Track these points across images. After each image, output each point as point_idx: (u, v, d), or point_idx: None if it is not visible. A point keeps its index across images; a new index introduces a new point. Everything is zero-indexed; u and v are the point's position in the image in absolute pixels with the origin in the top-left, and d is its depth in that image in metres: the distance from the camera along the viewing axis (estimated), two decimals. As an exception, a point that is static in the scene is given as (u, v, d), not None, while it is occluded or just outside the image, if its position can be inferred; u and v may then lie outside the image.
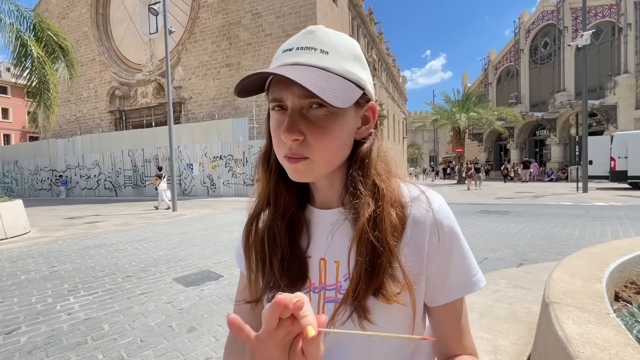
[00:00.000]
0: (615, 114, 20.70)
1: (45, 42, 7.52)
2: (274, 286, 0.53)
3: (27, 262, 4.28)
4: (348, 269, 0.50)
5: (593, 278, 1.03)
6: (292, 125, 0.45)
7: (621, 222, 5.71)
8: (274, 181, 0.55)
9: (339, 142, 0.48)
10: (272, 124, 0.50)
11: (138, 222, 7.73)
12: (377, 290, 0.47)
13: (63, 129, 22.73)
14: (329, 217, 0.55)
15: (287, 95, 0.46)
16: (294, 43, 0.49)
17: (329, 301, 0.53)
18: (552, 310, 0.80)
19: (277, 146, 0.49)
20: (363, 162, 0.51)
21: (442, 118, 21.12)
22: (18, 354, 2.01)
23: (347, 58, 0.49)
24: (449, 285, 0.51)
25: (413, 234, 0.51)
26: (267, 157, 0.56)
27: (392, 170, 0.54)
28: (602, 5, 22.81)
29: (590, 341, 0.65)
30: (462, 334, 0.54)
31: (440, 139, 49.83)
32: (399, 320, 0.50)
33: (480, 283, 0.53)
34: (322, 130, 0.46)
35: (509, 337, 1.68)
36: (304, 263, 0.55)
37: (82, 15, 22.20)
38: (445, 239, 0.51)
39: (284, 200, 0.55)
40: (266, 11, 16.60)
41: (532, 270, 3.04)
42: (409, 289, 0.48)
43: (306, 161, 0.47)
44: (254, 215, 0.58)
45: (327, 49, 0.48)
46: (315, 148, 0.46)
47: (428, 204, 0.52)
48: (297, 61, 0.46)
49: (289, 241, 0.54)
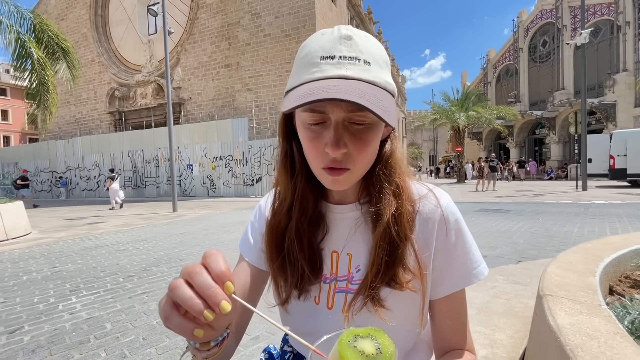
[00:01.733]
0: (614, 112, 20.72)
1: (45, 43, 7.55)
2: (300, 283, 0.56)
3: (28, 262, 4.30)
4: (367, 261, 0.52)
5: (587, 272, 1.06)
6: (339, 139, 0.46)
7: (620, 220, 5.74)
8: (301, 187, 0.55)
9: (375, 151, 0.51)
10: (306, 135, 0.49)
11: (138, 222, 7.74)
12: (390, 280, 0.50)
13: (63, 130, 22.75)
14: (344, 211, 0.57)
15: (332, 108, 0.46)
16: (332, 49, 0.46)
17: (339, 291, 0.55)
18: (545, 302, 0.82)
19: (316, 157, 0.49)
20: (387, 162, 0.54)
21: (442, 117, 21.14)
22: (22, 352, 2.03)
23: (384, 67, 0.49)
24: (449, 278, 0.54)
25: (422, 229, 0.53)
26: (290, 160, 0.56)
27: (408, 170, 0.57)
28: (600, 3, 22.84)
29: (580, 330, 0.68)
30: (460, 329, 0.55)
31: (439, 138, 49.84)
32: (410, 306, 0.53)
33: (480, 275, 0.55)
34: (364, 143, 0.48)
35: (506, 331, 1.72)
36: (320, 256, 0.57)
37: (81, 16, 22.22)
38: (451, 234, 0.53)
39: (311, 204, 0.56)
40: (265, 11, 16.62)
41: (530, 267, 3.07)
42: (421, 275, 0.51)
43: (347, 172, 0.48)
44: (278, 220, 0.58)
45: (368, 58, 0.47)
46: (356, 160, 0.48)
47: (436, 201, 0.55)
48: (344, 74, 0.45)
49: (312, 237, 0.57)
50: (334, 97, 0.41)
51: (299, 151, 0.55)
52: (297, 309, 0.58)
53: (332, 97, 0.41)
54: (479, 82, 34.30)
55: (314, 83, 0.45)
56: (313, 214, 0.56)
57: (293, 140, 0.55)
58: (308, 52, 0.48)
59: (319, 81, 0.45)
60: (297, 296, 0.57)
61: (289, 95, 0.48)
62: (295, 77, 0.49)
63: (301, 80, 0.46)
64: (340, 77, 0.45)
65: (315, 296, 0.57)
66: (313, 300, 0.57)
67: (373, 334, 0.31)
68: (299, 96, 0.44)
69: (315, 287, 0.56)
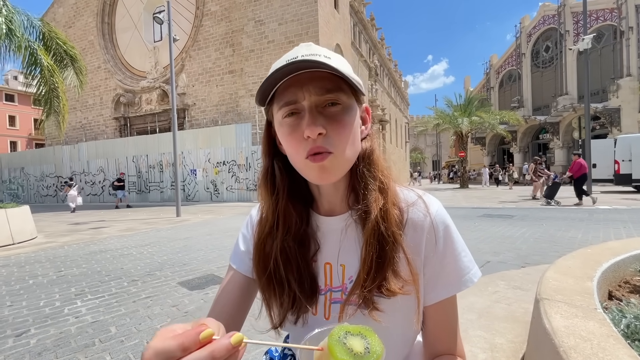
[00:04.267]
0: (618, 117, 20.64)
1: (54, 50, 7.71)
2: (295, 306, 0.55)
3: (34, 266, 4.35)
4: (358, 266, 0.52)
5: (585, 277, 1.07)
6: (315, 120, 0.47)
7: (625, 226, 5.69)
8: (283, 204, 0.55)
9: (354, 135, 0.51)
10: (285, 131, 0.50)
11: (142, 227, 7.80)
12: (380, 285, 0.50)
13: (68, 135, 23.01)
14: (335, 223, 0.56)
15: (302, 94, 0.47)
16: (294, 54, 0.50)
17: (335, 302, 0.55)
18: (542, 305, 0.84)
19: (296, 150, 0.49)
20: (370, 159, 0.55)
21: (444, 122, 21.16)
22: (28, 355, 2.06)
23: (345, 63, 0.52)
24: (439, 285, 0.54)
25: (412, 237, 0.53)
26: (270, 177, 0.56)
27: (391, 170, 0.57)
28: (603, 9, 22.88)
29: (574, 333, 0.69)
30: (451, 334, 0.55)
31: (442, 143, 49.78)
32: (405, 310, 0.53)
33: (469, 282, 0.54)
34: (341, 124, 0.48)
35: (506, 335, 1.72)
36: (314, 274, 0.56)
37: (88, 24, 22.62)
38: (440, 242, 0.53)
39: (295, 222, 0.55)
40: (269, 18, 16.83)
41: (532, 272, 3.06)
42: (413, 277, 0.51)
43: (331, 156, 0.48)
44: (262, 240, 0.57)
45: (328, 55, 0.50)
46: (336, 142, 0.48)
47: (426, 208, 0.54)
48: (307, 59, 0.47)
49: (300, 255, 0.55)
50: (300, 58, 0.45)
51: (280, 169, 0.56)
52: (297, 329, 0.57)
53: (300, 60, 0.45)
54: (482, 87, 34.34)
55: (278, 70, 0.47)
56: (298, 232, 0.55)
57: (275, 157, 0.56)
58: (276, 64, 0.51)
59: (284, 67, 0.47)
60: (293, 321, 0.56)
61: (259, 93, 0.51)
62: None
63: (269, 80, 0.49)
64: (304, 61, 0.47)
65: (312, 308, 0.57)
66: (310, 313, 0.57)
67: (363, 332, 0.32)
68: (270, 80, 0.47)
69: (313, 301, 0.56)
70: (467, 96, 22.14)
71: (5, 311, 2.81)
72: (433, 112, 22.87)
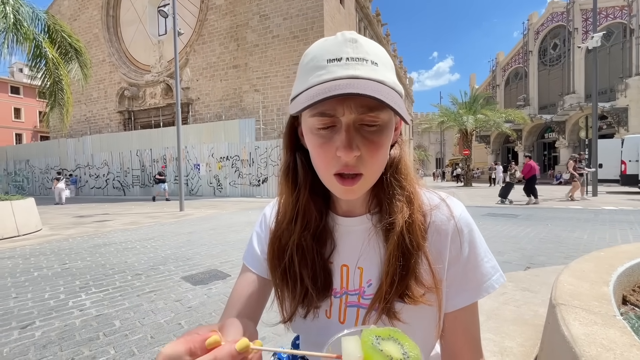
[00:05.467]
0: (626, 117, 20.37)
1: (59, 43, 7.71)
2: (305, 300, 0.54)
3: (39, 259, 4.38)
4: (379, 274, 0.50)
5: (600, 281, 1.04)
6: (352, 141, 0.44)
7: (631, 227, 5.63)
8: (304, 199, 0.53)
9: (387, 155, 0.49)
10: (316, 142, 0.47)
11: (146, 221, 7.83)
12: (402, 293, 0.48)
13: (73, 128, 23.11)
14: (354, 224, 0.55)
15: (342, 110, 0.44)
16: (338, 52, 0.45)
17: (350, 306, 0.54)
18: (558, 311, 0.81)
19: (326, 164, 0.47)
20: (397, 168, 0.52)
21: (449, 120, 21.01)
22: (33, 347, 2.07)
23: (390, 69, 0.48)
24: (461, 291, 0.52)
25: (434, 241, 0.51)
26: (292, 172, 0.55)
27: (417, 177, 0.55)
28: (613, 6, 22.50)
29: (595, 341, 0.67)
30: (472, 343, 0.53)
31: (447, 140, 49.51)
32: (427, 320, 0.51)
33: (491, 288, 0.52)
34: (377, 146, 0.46)
35: (516, 338, 1.70)
36: (329, 271, 0.55)
37: (93, 17, 22.60)
38: (464, 246, 0.51)
39: (314, 219, 0.54)
40: (273, 13, 16.71)
41: (540, 274, 3.03)
42: (436, 285, 0.49)
43: (361, 179, 0.46)
44: (279, 234, 0.56)
45: (375, 60, 0.46)
46: (368, 163, 0.46)
47: (449, 212, 0.53)
48: (353, 74, 0.44)
49: (315, 252, 0.54)
50: (348, 92, 0.40)
51: (302, 163, 0.54)
52: (306, 324, 0.56)
53: (346, 92, 0.40)
54: (488, 85, 34.02)
55: (322, 85, 0.43)
56: (317, 228, 0.54)
57: (297, 151, 0.54)
58: (313, 57, 0.47)
59: (328, 83, 0.43)
60: (303, 315, 0.55)
61: (297, 100, 0.46)
62: (301, 82, 0.47)
63: (308, 84, 0.45)
64: (350, 77, 0.43)
65: (327, 310, 0.55)
66: (324, 314, 0.55)
67: (394, 335, 0.30)
68: (309, 97, 0.42)
69: (326, 301, 0.55)
70: (472, 94, 21.95)
71: (11, 303, 2.83)
72: (438, 110, 22.71)
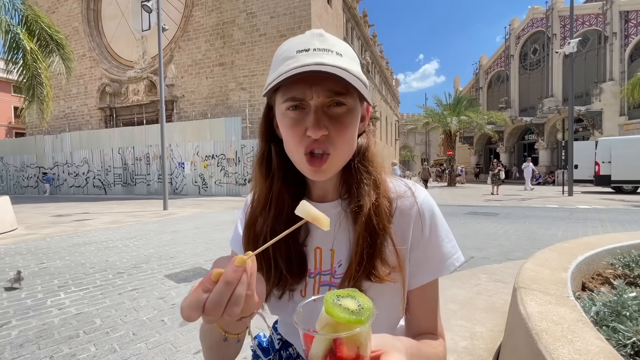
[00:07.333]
0: (600, 120, 21.28)
1: (37, 35, 7.42)
2: (280, 283, 0.57)
3: (15, 258, 4.24)
4: (349, 255, 0.55)
5: (560, 268, 1.12)
6: (319, 121, 0.48)
7: (602, 224, 5.92)
8: (277, 187, 0.57)
9: (354, 136, 0.53)
10: (287, 123, 0.51)
11: (128, 220, 7.67)
12: (369, 273, 0.53)
13: (51, 125, 22.25)
14: (327, 209, 0.58)
15: (310, 93, 0.48)
16: (306, 44, 0.50)
17: (323, 285, 0.58)
18: (519, 294, 0.88)
19: (297, 143, 0.50)
20: (365, 155, 0.57)
21: (434, 121, 21.43)
22: (9, 347, 2.02)
23: (354, 61, 0.52)
24: (423, 270, 0.57)
25: (399, 224, 0.56)
26: (266, 161, 0.58)
27: (383, 165, 0.60)
28: (589, 14, 23.45)
29: (547, 318, 0.73)
30: (432, 315, 0.59)
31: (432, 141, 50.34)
32: (392, 296, 0.56)
33: (451, 266, 0.57)
34: (344, 126, 0.50)
35: (486, 324, 1.79)
36: (304, 255, 0.59)
37: (73, 10, 21.84)
38: (426, 229, 0.56)
39: (287, 205, 0.57)
40: (261, 11, 16.61)
41: (513, 266, 3.16)
42: (400, 265, 0.54)
43: (329, 159, 0.50)
44: (253, 220, 0.59)
45: (340, 51, 0.50)
46: (336, 142, 0.50)
47: (413, 197, 0.58)
48: (319, 62, 0.48)
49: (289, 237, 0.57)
50: (315, 69, 0.45)
51: (276, 153, 0.57)
52: (282, 305, 0.60)
53: (313, 69, 0.45)
54: (471, 87, 34.81)
55: (292, 71, 0.47)
56: (290, 214, 0.56)
57: (272, 142, 0.58)
58: (284, 50, 0.51)
59: (297, 69, 0.47)
60: (278, 296, 0.58)
61: (269, 88, 0.50)
62: (273, 73, 0.51)
63: (279, 73, 0.49)
64: (317, 63, 0.47)
65: (302, 290, 0.59)
66: (299, 294, 0.59)
67: (351, 293, 0.35)
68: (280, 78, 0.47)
69: (301, 283, 0.58)
70: (456, 96, 22.45)
71: (-15, 302, 2.75)
72: (423, 111, 23.11)
